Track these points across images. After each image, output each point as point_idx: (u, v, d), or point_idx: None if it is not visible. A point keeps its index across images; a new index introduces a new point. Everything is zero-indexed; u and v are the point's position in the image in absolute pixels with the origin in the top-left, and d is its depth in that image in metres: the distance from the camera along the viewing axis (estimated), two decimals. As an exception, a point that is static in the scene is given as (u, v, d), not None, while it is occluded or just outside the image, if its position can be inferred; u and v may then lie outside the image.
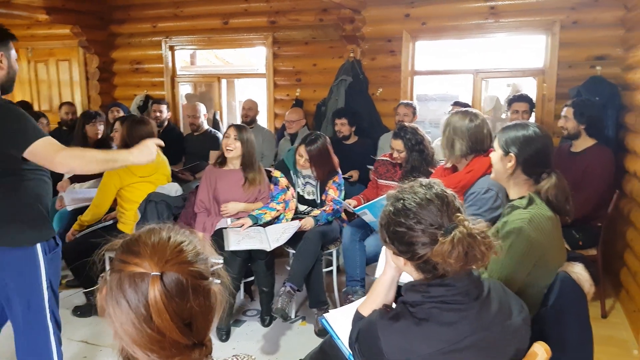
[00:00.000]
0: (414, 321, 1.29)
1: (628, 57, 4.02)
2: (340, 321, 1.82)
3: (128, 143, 3.51)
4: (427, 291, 1.30)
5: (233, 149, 3.50)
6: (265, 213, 3.52)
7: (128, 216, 3.62)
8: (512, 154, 1.86)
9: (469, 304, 1.27)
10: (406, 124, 3.64)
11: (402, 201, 1.34)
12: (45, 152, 2.01)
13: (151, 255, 1.00)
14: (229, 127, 3.60)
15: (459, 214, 1.29)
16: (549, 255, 1.72)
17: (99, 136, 4.44)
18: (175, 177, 4.76)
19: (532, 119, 4.48)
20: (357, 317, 1.55)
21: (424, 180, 1.38)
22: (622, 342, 3.09)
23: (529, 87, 5.44)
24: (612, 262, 3.74)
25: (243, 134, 3.53)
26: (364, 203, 3.47)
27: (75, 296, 3.86)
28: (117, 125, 3.78)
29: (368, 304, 1.55)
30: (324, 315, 1.84)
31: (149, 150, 2.22)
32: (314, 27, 5.40)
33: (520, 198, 1.84)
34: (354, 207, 3.38)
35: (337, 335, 1.76)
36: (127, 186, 3.55)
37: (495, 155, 1.94)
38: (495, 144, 1.95)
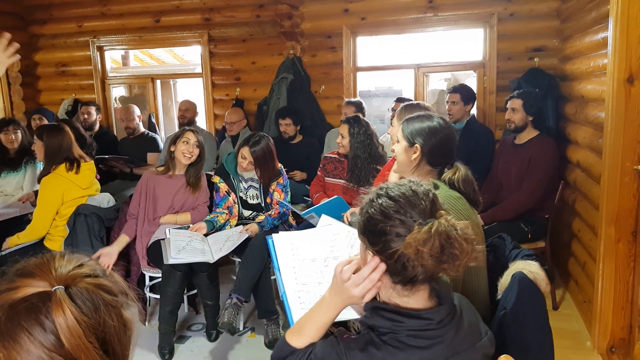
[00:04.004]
0: (386, 351, 1.16)
1: (565, 48, 4.07)
2: (284, 245, 1.66)
3: (50, 153, 3.26)
4: (400, 321, 1.17)
5: (192, 155, 3.30)
6: (218, 217, 3.38)
7: (57, 232, 3.33)
8: (417, 145, 1.85)
9: (444, 328, 1.18)
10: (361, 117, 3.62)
11: (385, 189, 1.22)
12: None
13: (47, 273, 0.83)
14: (186, 131, 3.33)
15: (442, 212, 1.18)
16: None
17: (15, 145, 4.08)
18: (107, 167, 4.49)
19: (474, 110, 4.49)
20: (285, 348, 1.33)
21: (414, 179, 1.27)
22: (574, 334, 3.10)
23: (470, 80, 5.50)
24: (559, 253, 3.76)
25: (199, 138, 3.34)
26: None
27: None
28: (35, 138, 3.45)
29: (303, 336, 1.32)
30: (273, 235, 1.67)
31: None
32: (250, 24, 5.21)
33: None
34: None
35: (276, 258, 1.62)
36: (69, 201, 3.29)
37: (399, 146, 1.92)
38: (400, 136, 1.92)
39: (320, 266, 1.61)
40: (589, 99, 3.26)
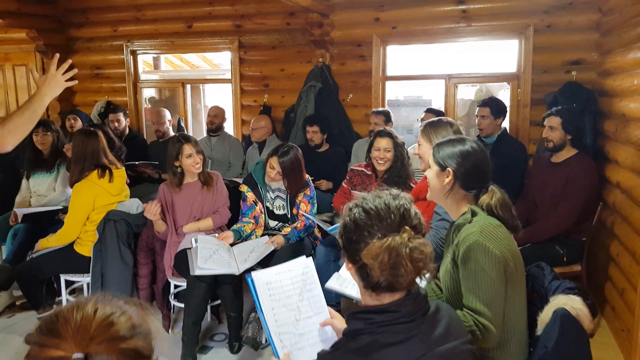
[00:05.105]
0: (360, 352, 1.20)
1: (605, 63, 3.92)
2: (262, 286, 1.62)
3: (80, 157, 3.29)
4: (371, 318, 1.23)
5: (199, 164, 3.31)
6: (244, 226, 3.37)
7: (87, 236, 3.36)
8: (449, 169, 1.79)
9: (416, 321, 1.23)
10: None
11: (362, 200, 1.32)
12: None
13: (73, 335, 0.82)
14: (182, 145, 3.27)
15: (407, 227, 1.24)
16: (513, 265, 1.64)
17: (46, 145, 4.13)
18: (136, 173, 4.52)
19: (506, 124, 4.37)
20: None
21: (394, 191, 1.34)
22: (611, 364, 2.97)
23: (503, 92, 5.37)
24: (595, 277, 3.60)
25: (198, 145, 3.34)
26: None
27: (29, 321, 3.56)
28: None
29: None
30: (252, 273, 1.62)
31: (56, 79, 2.19)
32: (281, 31, 5.20)
33: (462, 215, 1.78)
34: None
35: (257, 297, 1.59)
36: (99, 207, 3.32)
37: (431, 172, 1.87)
38: (430, 161, 1.88)
39: (296, 302, 1.62)
40: (631, 118, 3.12)
